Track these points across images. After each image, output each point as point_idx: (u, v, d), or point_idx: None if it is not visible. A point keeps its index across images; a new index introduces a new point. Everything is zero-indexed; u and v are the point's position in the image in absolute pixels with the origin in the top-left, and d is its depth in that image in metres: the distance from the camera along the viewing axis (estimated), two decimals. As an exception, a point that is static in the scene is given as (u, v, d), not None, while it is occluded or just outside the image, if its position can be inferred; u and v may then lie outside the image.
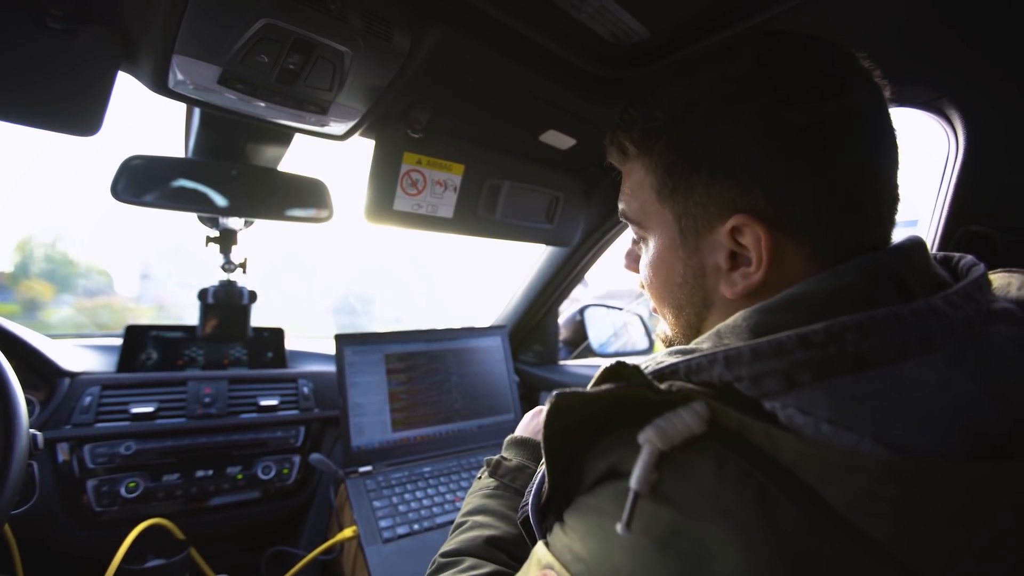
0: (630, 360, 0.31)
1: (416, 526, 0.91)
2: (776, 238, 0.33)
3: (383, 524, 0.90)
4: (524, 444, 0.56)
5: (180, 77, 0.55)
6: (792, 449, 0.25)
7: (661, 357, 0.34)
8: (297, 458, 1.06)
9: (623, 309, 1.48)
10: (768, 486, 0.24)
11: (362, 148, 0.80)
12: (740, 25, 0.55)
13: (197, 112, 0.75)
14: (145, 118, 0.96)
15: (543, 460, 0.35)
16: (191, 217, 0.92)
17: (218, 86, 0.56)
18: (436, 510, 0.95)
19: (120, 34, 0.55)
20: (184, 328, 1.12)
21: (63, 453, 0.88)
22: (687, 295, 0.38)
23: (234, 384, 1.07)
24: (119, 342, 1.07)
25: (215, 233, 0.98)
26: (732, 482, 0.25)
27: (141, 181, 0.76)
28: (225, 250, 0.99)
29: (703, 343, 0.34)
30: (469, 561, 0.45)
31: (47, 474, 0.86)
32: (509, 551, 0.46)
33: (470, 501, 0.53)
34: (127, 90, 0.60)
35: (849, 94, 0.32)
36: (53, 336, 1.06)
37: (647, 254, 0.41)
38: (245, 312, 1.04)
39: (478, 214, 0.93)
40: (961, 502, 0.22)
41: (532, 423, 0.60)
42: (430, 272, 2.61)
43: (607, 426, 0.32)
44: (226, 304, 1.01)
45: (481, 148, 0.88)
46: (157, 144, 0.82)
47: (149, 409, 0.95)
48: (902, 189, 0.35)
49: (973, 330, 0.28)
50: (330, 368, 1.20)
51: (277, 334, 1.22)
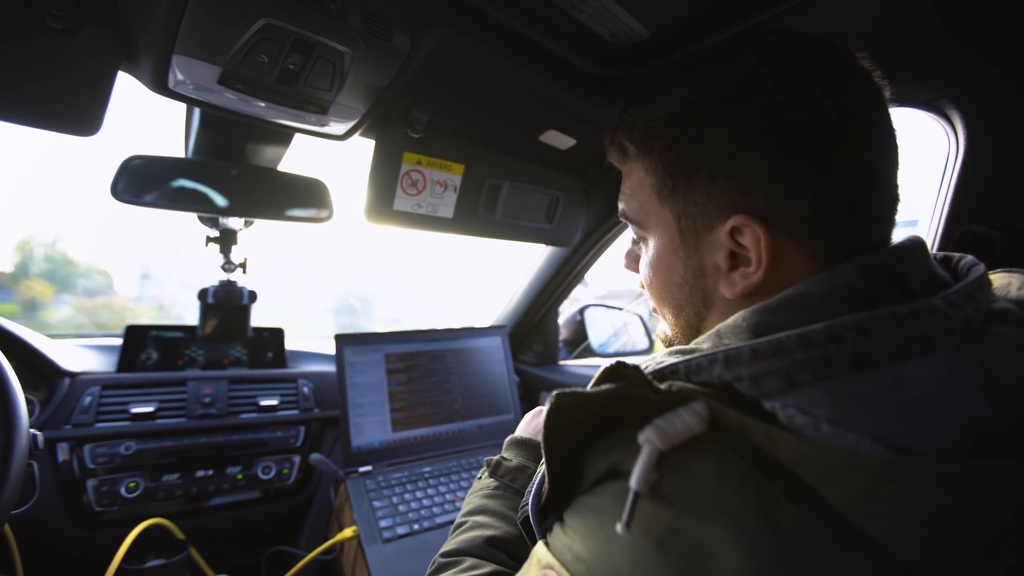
0: (630, 360, 0.31)
1: (416, 526, 0.91)
2: (776, 238, 0.33)
3: (383, 524, 0.90)
4: (524, 444, 0.56)
5: (180, 77, 0.55)
6: (792, 449, 0.25)
7: (661, 357, 0.34)
8: (297, 458, 1.06)
9: (623, 309, 1.48)
10: (768, 486, 0.24)
11: (362, 148, 0.80)
12: (740, 25, 0.55)
13: (197, 112, 0.75)
14: (145, 118, 0.96)
15: (543, 460, 0.35)
16: (191, 217, 0.92)
17: (218, 86, 0.56)
18: (436, 510, 0.95)
19: (120, 34, 0.55)
20: (184, 328, 1.12)
21: (63, 453, 0.88)
22: (687, 295, 0.38)
23: (234, 384, 1.07)
24: (119, 342, 1.07)
25: (215, 233, 0.98)
26: (732, 482, 0.25)
27: (141, 181, 0.76)
28: (225, 250, 0.99)
29: (703, 343, 0.34)
30: (469, 561, 0.45)
31: (47, 474, 0.86)
32: (509, 551, 0.46)
33: (470, 501, 0.53)
34: (127, 90, 0.60)
35: (849, 94, 0.32)
36: (53, 336, 1.06)
37: (647, 254, 0.41)
38: (245, 312, 1.04)
39: (478, 214, 0.93)
40: (961, 502, 0.22)
41: (532, 423, 0.60)
42: (430, 272, 2.61)
43: (607, 426, 0.32)
44: (226, 304, 1.02)
45: (481, 148, 0.88)
46: (157, 144, 0.82)
47: (149, 409, 0.95)
48: (902, 189, 0.35)
49: (973, 330, 0.28)
50: (330, 368, 1.20)
51: (277, 334, 1.22)
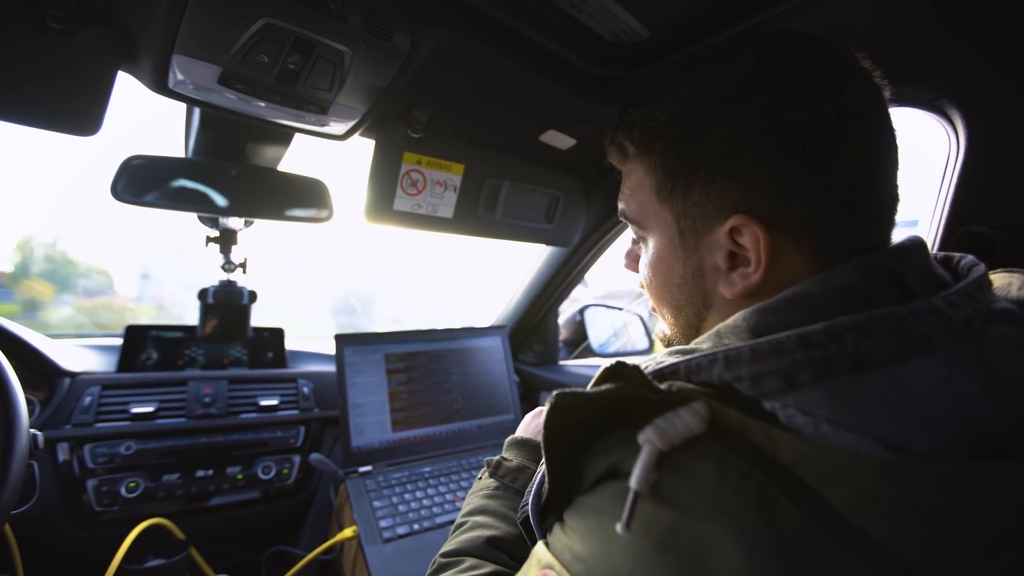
0: (630, 360, 0.31)
1: (416, 526, 0.91)
2: (775, 238, 0.32)
3: (383, 524, 0.90)
4: (524, 444, 0.56)
5: (180, 77, 0.55)
6: (792, 449, 0.25)
7: (661, 357, 0.34)
8: (297, 458, 1.06)
9: (623, 309, 1.48)
10: (768, 486, 0.24)
11: (362, 148, 0.80)
12: (740, 25, 0.55)
13: (197, 112, 0.75)
14: (145, 118, 0.96)
15: (543, 460, 0.35)
16: (191, 217, 0.92)
17: (218, 86, 0.56)
18: (436, 510, 0.95)
19: (120, 34, 0.55)
20: (184, 328, 1.12)
21: (63, 453, 0.88)
22: (686, 295, 0.38)
23: (234, 384, 1.07)
24: (119, 342, 1.07)
25: (215, 233, 0.98)
26: (732, 482, 0.25)
27: (141, 181, 0.76)
28: (225, 250, 0.99)
29: (703, 343, 0.34)
30: (469, 561, 0.45)
31: (47, 474, 0.86)
32: (509, 551, 0.46)
33: (470, 501, 0.53)
34: (127, 90, 0.60)
35: (849, 94, 0.32)
36: (53, 336, 1.06)
37: (646, 254, 0.41)
38: (245, 312, 1.04)
39: (478, 214, 0.93)
40: (961, 502, 0.22)
41: (532, 424, 0.60)
42: (430, 272, 2.61)
43: (607, 426, 0.32)
44: (226, 304, 1.01)
45: (481, 148, 0.88)
46: (157, 144, 0.82)
47: (149, 409, 0.95)
48: (902, 189, 0.35)
49: (973, 330, 0.28)
50: (330, 368, 1.20)
51: (277, 334, 1.22)
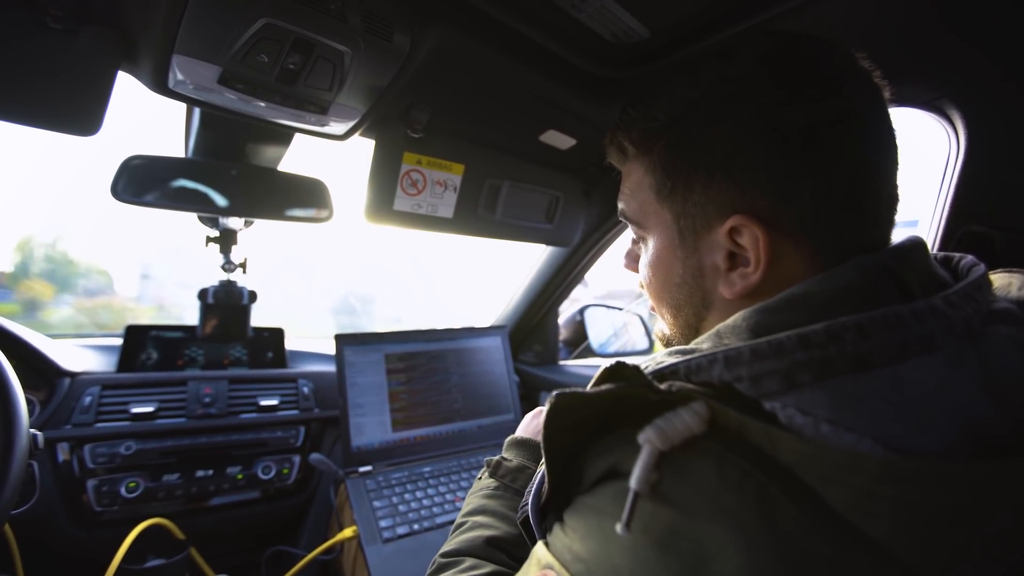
0: (630, 360, 0.31)
1: (416, 526, 0.91)
2: (774, 238, 0.32)
3: (383, 524, 0.90)
4: (524, 444, 0.56)
5: (180, 77, 0.55)
6: (792, 449, 0.25)
7: (661, 357, 0.34)
8: (297, 458, 1.06)
9: (623, 309, 1.48)
10: (768, 486, 0.24)
11: (362, 148, 0.80)
12: (740, 25, 0.55)
13: (197, 112, 0.75)
14: (145, 118, 0.96)
15: (543, 460, 0.35)
16: (191, 217, 0.92)
17: (218, 86, 0.56)
18: (436, 510, 0.95)
19: (120, 34, 0.55)
20: (184, 328, 1.12)
21: (63, 453, 0.88)
22: (686, 295, 0.38)
23: (234, 384, 1.07)
24: (119, 342, 1.07)
25: (215, 233, 0.98)
26: (732, 482, 0.25)
27: (141, 181, 0.76)
28: (225, 250, 0.99)
29: (703, 343, 0.34)
30: (469, 561, 0.45)
31: (47, 474, 0.86)
32: (509, 551, 0.46)
33: (470, 501, 0.53)
34: (127, 90, 0.60)
35: (848, 94, 0.32)
36: (53, 336, 1.06)
37: (646, 254, 0.41)
38: (245, 312, 1.04)
39: (478, 214, 0.93)
40: (961, 502, 0.22)
41: (532, 424, 0.60)
42: (430, 272, 2.61)
43: (607, 426, 0.32)
44: (226, 304, 1.01)
45: (481, 148, 0.88)
46: (157, 144, 0.82)
47: (149, 409, 0.95)
48: (902, 189, 0.35)
49: (973, 330, 0.28)
50: (330, 368, 1.20)
51: (277, 334, 1.22)
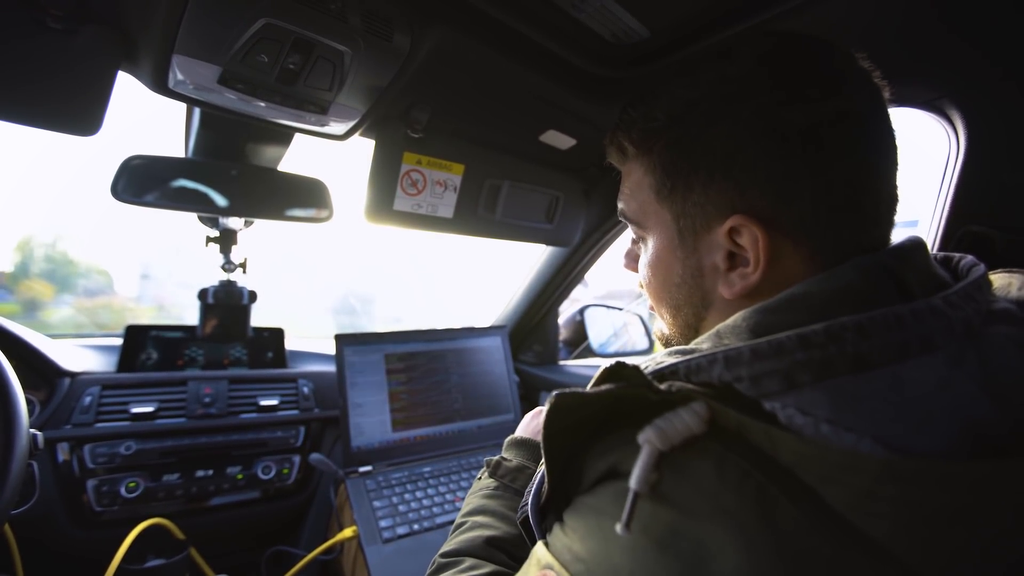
0: (630, 360, 0.31)
1: (416, 526, 0.91)
2: (774, 238, 0.32)
3: (383, 524, 0.90)
4: (524, 444, 0.56)
5: (180, 77, 0.55)
6: (792, 449, 0.25)
7: (661, 357, 0.34)
8: (297, 458, 1.06)
9: (623, 309, 1.48)
10: (767, 486, 0.24)
11: (362, 148, 0.80)
12: (740, 25, 0.55)
13: (197, 112, 0.75)
14: (145, 118, 0.96)
15: (543, 460, 0.35)
16: (191, 217, 0.92)
17: (218, 86, 0.56)
18: (436, 510, 0.95)
19: (120, 34, 0.55)
20: (184, 328, 1.12)
21: (63, 453, 0.88)
22: (685, 295, 0.38)
23: (234, 384, 1.07)
24: (119, 342, 1.07)
25: (215, 233, 0.98)
26: (732, 482, 0.25)
27: (141, 181, 0.76)
28: (225, 250, 0.99)
29: (703, 343, 0.34)
30: (469, 561, 0.45)
31: (47, 474, 0.86)
32: (509, 551, 0.46)
33: (470, 501, 0.53)
34: (127, 90, 0.60)
35: (848, 94, 0.32)
36: (53, 336, 1.06)
37: (646, 254, 0.41)
38: (245, 312, 1.04)
39: (478, 214, 0.93)
40: (961, 502, 0.22)
41: (532, 424, 0.60)
42: (430, 272, 2.61)
43: (607, 426, 0.32)
44: (226, 304, 1.01)
45: (481, 148, 0.88)
46: (157, 144, 0.82)
47: (149, 409, 0.95)
48: (901, 189, 0.35)
49: (973, 330, 0.28)
50: (330, 368, 1.20)
51: (277, 334, 1.22)
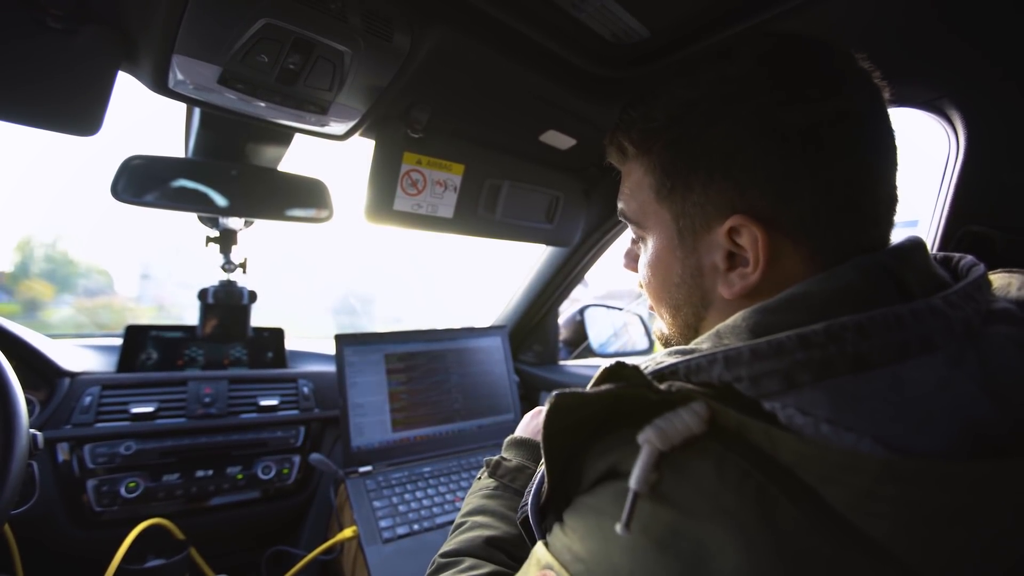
0: (630, 360, 0.31)
1: (416, 526, 0.91)
2: (773, 238, 0.33)
3: (383, 524, 0.90)
4: (524, 444, 0.56)
5: (180, 77, 0.55)
6: (792, 449, 0.25)
7: (661, 357, 0.34)
8: (297, 458, 1.06)
9: (623, 309, 1.48)
10: (767, 486, 0.24)
11: (362, 148, 0.80)
12: (740, 25, 0.55)
13: (197, 112, 0.75)
14: (145, 118, 0.96)
15: (543, 460, 0.35)
16: (191, 217, 0.92)
17: (218, 86, 0.56)
18: (436, 510, 0.95)
19: (120, 34, 0.55)
20: (184, 328, 1.12)
21: (63, 453, 0.88)
22: (685, 295, 0.38)
23: (234, 384, 1.07)
24: (119, 342, 1.07)
25: (215, 233, 0.98)
26: (732, 482, 0.25)
27: (141, 181, 0.76)
28: (225, 250, 0.99)
29: (702, 343, 0.34)
30: (469, 561, 0.45)
31: (47, 474, 0.86)
32: (509, 551, 0.46)
33: (470, 501, 0.53)
34: (127, 90, 0.60)
35: (848, 95, 0.32)
36: (53, 336, 1.06)
37: (645, 254, 0.41)
38: (245, 312, 1.04)
39: (478, 214, 0.93)
40: (961, 502, 0.22)
41: (532, 423, 0.60)
42: (430, 272, 2.61)
43: (607, 426, 0.32)
44: (226, 304, 1.02)
45: (481, 148, 0.88)
46: (157, 144, 0.82)
47: (149, 409, 0.95)
48: (901, 190, 0.35)
49: (973, 330, 0.28)
50: (330, 368, 1.20)
51: (277, 334, 1.22)
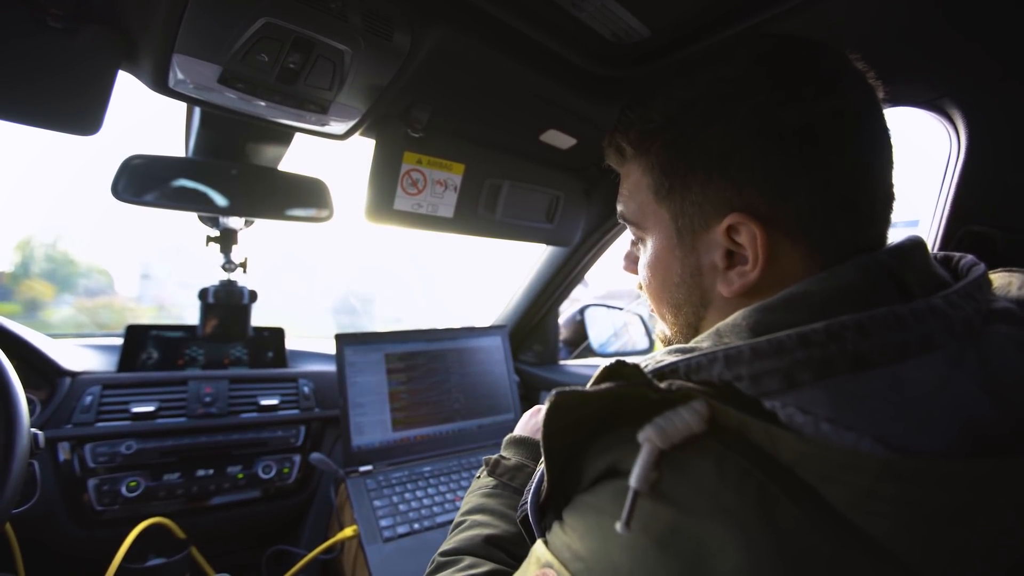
0: (630, 359, 0.31)
1: (416, 525, 0.91)
2: (772, 236, 0.33)
3: (383, 523, 0.90)
4: (523, 443, 0.56)
5: (180, 76, 0.55)
6: (792, 448, 0.25)
7: (661, 356, 0.34)
8: (297, 457, 1.06)
9: (623, 309, 1.48)
10: (768, 485, 0.24)
11: (362, 148, 0.80)
12: (741, 24, 0.55)
13: (197, 111, 0.75)
14: (145, 118, 0.96)
15: (542, 459, 0.35)
16: (191, 217, 0.92)
17: (218, 85, 0.56)
18: (436, 509, 0.95)
19: (120, 33, 0.55)
20: (184, 328, 1.12)
21: (64, 452, 0.88)
22: (685, 294, 0.39)
23: (234, 384, 1.07)
24: (120, 342, 1.07)
25: (215, 233, 0.98)
26: (732, 481, 0.25)
27: (141, 181, 0.76)
28: (225, 250, 0.99)
29: (703, 342, 0.34)
30: (468, 560, 0.45)
31: (48, 473, 0.86)
32: (508, 550, 0.46)
33: (469, 500, 0.53)
34: (127, 90, 0.60)
35: (843, 94, 0.33)
36: (54, 336, 1.06)
37: (645, 255, 0.41)
38: (245, 312, 1.04)
39: (478, 214, 0.93)
40: (962, 501, 0.22)
41: (531, 422, 0.60)
42: (430, 272, 2.61)
43: (606, 425, 0.32)
44: (226, 304, 1.02)
45: (481, 148, 0.88)
46: (157, 144, 0.82)
47: (150, 408, 0.96)
48: (898, 188, 0.35)
49: (973, 329, 0.28)
50: (330, 368, 1.20)
51: (277, 334, 1.22)
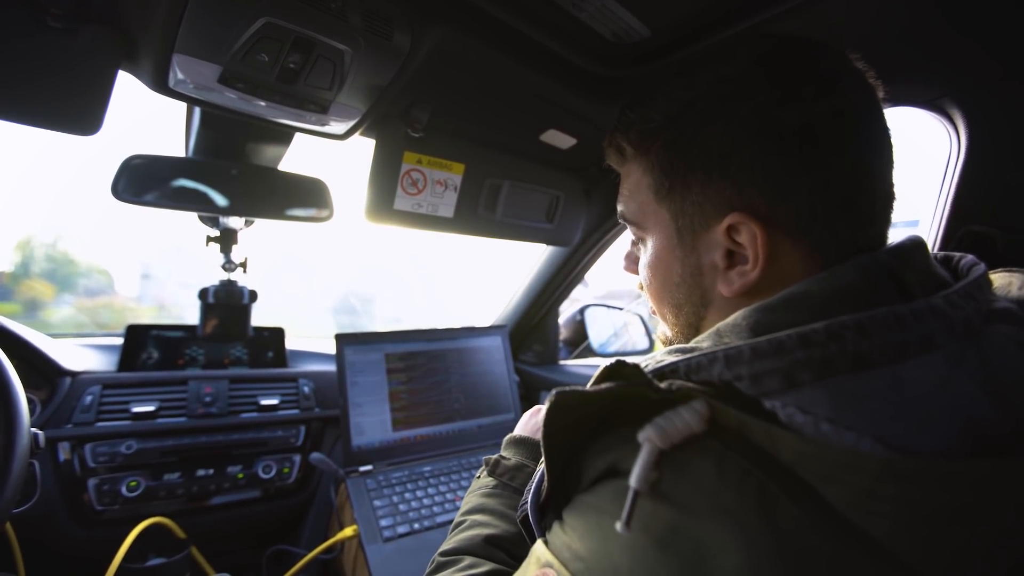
0: (630, 359, 0.31)
1: (416, 525, 0.91)
2: (772, 236, 0.33)
3: (383, 523, 0.90)
4: (523, 443, 0.56)
5: (180, 76, 0.55)
6: (792, 448, 0.25)
7: (661, 356, 0.34)
8: (297, 457, 1.06)
9: (623, 309, 1.48)
10: (768, 485, 0.24)
11: (362, 148, 0.80)
12: (741, 24, 0.55)
13: (197, 111, 0.75)
14: (145, 118, 0.96)
15: (542, 459, 0.35)
16: (191, 217, 0.92)
17: (218, 85, 0.56)
18: (436, 509, 0.95)
19: (120, 33, 0.55)
20: (185, 328, 1.12)
21: (64, 452, 0.88)
22: (685, 294, 0.39)
23: (235, 383, 1.07)
24: (120, 342, 1.07)
25: (215, 233, 0.98)
26: (732, 481, 0.25)
27: (141, 180, 0.76)
28: (225, 250, 0.99)
29: (703, 342, 0.34)
30: (468, 560, 0.45)
31: (48, 473, 0.86)
32: (508, 550, 0.46)
33: (469, 500, 0.53)
34: (127, 90, 0.60)
35: (843, 94, 0.33)
36: (54, 336, 1.06)
37: (645, 255, 0.41)
38: (245, 312, 1.04)
39: (478, 214, 0.93)
40: (962, 501, 0.22)
41: (531, 422, 0.60)
42: (430, 272, 2.61)
43: (607, 425, 0.32)
44: (226, 304, 1.02)
45: (481, 148, 0.88)
46: (157, 144, 0.82)
47: (150, 408, 0.96)
48: (898, 188, 0.35)
49: (973, 329, 0.28)
50: (330, 368, 1.20)
51: (277, 334, 1.22)
